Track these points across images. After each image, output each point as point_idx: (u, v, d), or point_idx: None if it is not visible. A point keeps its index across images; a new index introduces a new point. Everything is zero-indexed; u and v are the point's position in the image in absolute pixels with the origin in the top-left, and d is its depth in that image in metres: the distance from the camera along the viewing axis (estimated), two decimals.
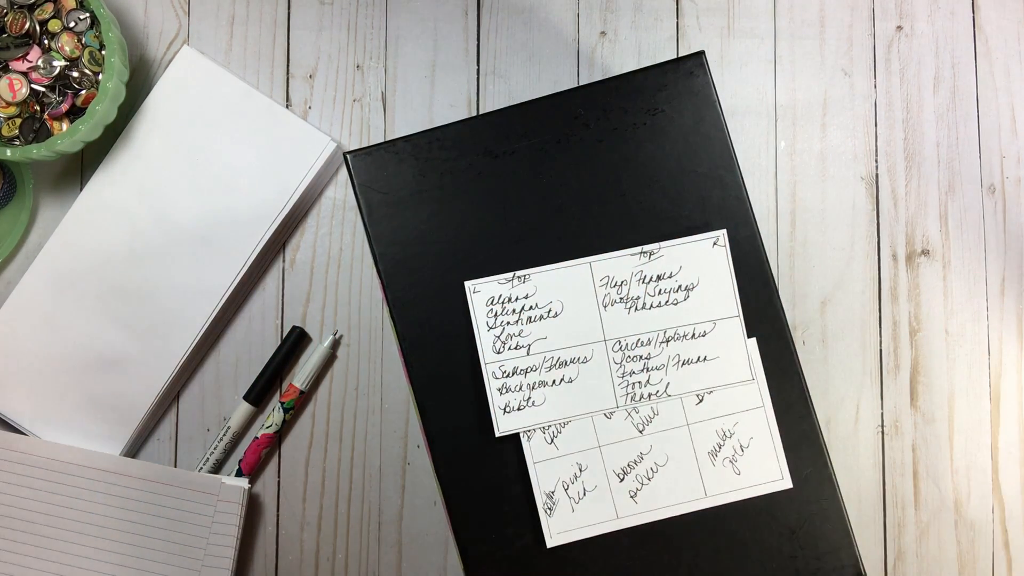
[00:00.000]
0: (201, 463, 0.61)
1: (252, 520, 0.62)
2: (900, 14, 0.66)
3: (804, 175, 0.65)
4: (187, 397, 0.63)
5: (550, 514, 0.51)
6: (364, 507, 0.62)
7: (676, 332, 0.52)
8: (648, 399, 0.52)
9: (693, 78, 0.53)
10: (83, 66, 0.57)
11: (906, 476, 0.63)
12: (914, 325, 0.64)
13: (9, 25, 0.57)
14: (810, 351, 0.64)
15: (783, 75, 0.65)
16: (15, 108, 0.57)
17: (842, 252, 0.64)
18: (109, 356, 0.60)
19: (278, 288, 0.63)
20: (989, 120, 0.65)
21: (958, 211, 0.65)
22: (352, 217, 0.64)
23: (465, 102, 0.64)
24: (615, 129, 0.53)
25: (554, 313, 0.52)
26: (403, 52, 0.64)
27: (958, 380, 0.64)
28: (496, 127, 0.53)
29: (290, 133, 0.61)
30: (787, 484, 0.52)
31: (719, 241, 0.52)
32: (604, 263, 0.52)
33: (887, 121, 0.65)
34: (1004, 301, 0.64)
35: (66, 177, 0.63)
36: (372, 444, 0.63)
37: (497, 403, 0.51)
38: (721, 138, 0.53)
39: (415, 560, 0.62)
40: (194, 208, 0.61)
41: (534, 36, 0.65)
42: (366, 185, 0.52)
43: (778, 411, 0.52)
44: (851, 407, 0.64)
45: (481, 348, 0.51)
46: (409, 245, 0.52)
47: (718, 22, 0.65)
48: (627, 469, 0.52)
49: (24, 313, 0.60)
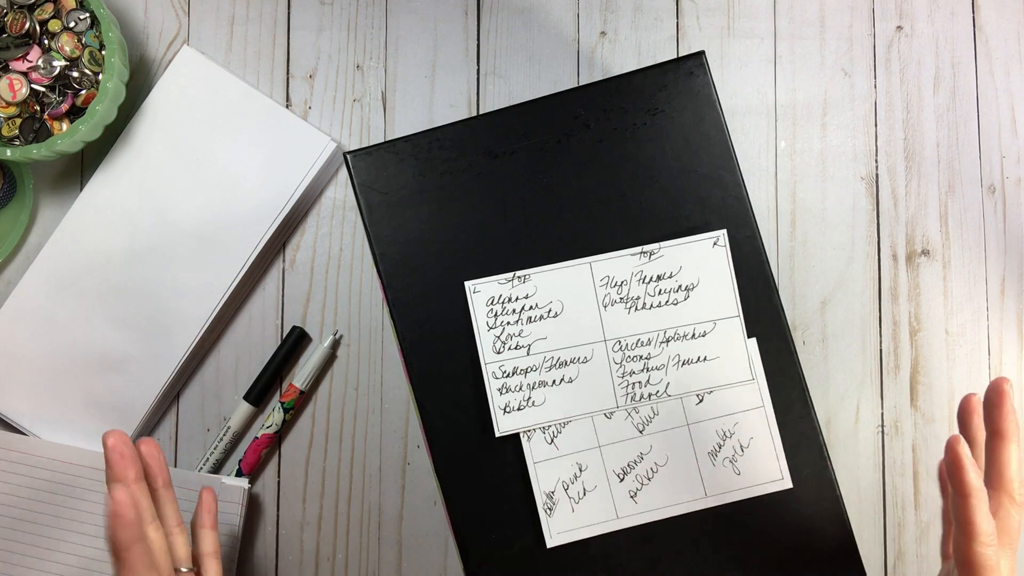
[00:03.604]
0: (201, 463, 0.61)
1: (252, 520, 0.62)
2: (900, 14, 0.66)
3: (804, 175, 0.65)
4: (187, 397, 0.63)
5: (550, 514, 0.51)
6: (364, 507, 0.62)
7: (676, 332, 0.52)
8: (648, 399, 0.52)
9: (693, 78, 0.53)
10: (83, 66, 0.57)
11: (906, 476, 0.63)
12: (914, 325, 0.64)
13: (9, 25, 0.57)
14: (810, 351, 0.64)
15: (783, 75, 0.65)
16: (15, 108, 0.57)
17: (842, 252, 0.64)
18: (109, 356, 0.60)
19: (278, 288, 0.63)
20: (989, 120, 0.65)
21: (958, 211, 0.65)
22: (352, 217, 0.64)
23: (465, 102, 0.64)
24: (615, 129, 0.53)
25: (554, 313, 0.52)
26: (403, 52, 0.64)
27: (958, 380, 0.64)
28: (496, 127, 0.53)
29: (290, 133, 0.61)
30: (787, 484, 0.52)
31: (719, 241, 0.52)
32: (604, 263, 0.52)
33: (887, 121, 0.65)
34: (1004, 301, 0.64)
35: (66, 177, 0.63)
36: (372, 444, 0.62)
37: (497, 403, 0.51)
38: (721, 138, 0.53)
39: (415, 560, 0.62)
40: (194, 208, 0.61)
41: (534, 36, 0.65)
42: (366, 185, 0.52)
43: (778, 411, 0.52)
44: (851, 407, 0.64)
45: (481, 348, 0.51)
46: (409, 245, 0.52)
47: (718, 22, 0.65)
48: (627, 469, 0.52)
49: (24, 313, 0.60)
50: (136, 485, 0.47)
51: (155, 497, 0.49)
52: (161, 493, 0.49)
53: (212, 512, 0.52)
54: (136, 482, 0.47)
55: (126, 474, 0.46)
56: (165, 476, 0.49)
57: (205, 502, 0.52)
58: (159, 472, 0.49)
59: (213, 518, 0.52)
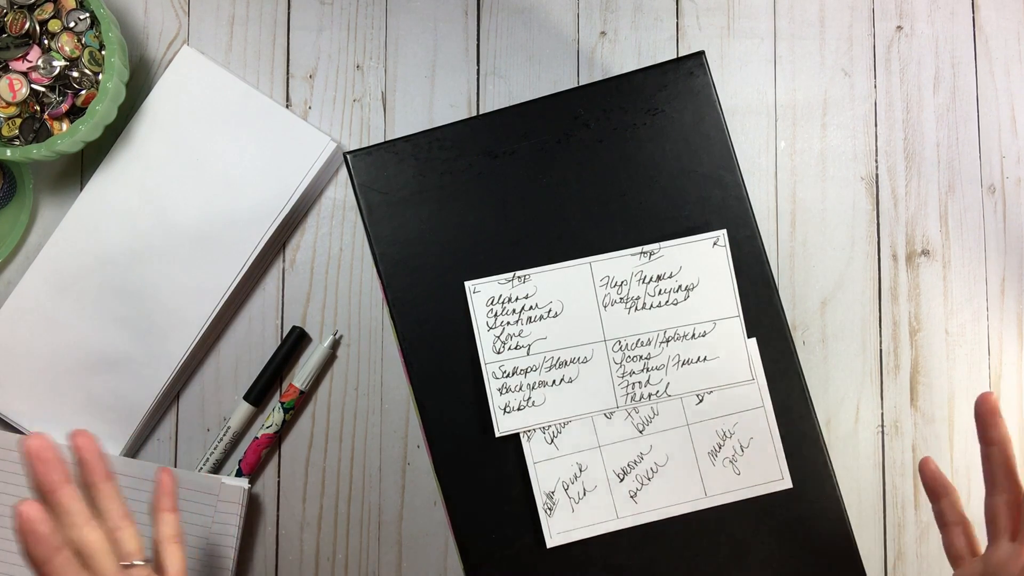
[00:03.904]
0: (201, 463, 0.61)
1: (252, 520, 0.62)
2: (900, 14, 0.66)
3: (804, 175, 0.65)
4: (187, 397, 0.63)
5: (550, 514, 0.51)
6: (364, 507, 0.62)
7: (676, 332, 0.52)
8: (648, 399, 0.52)
9: (693, 78, 0.53)
10: (83, 66, 0.57)
11: (906, 476, 0.63)
12: (914, 325, 0.64)
13: (9, 25, 0.57)
14: (810, 351, 0.64)
15: (783, 75, 0.65)
16: (15, 108, 0.57)
17: (842, 252, 0.64)
18: (109, 356, 0.60)
19: (278, 288, 0.63)
20: (989, 120, 0.65)
21: (958, 211, 0.65)
22: (352, 217, 0.64)
23: (465, 102, 0.64)
24: (615, 129, 0.53)
25: (554, 313, 0.52)
26: (403, 52, 0.64)
27: (958, 380, 0.64)
28: (496, 127, 0.53)
29: (290, 133, 0.61)
30: (787, 484, 0.52)
31: (719, 241, 0.52)
32: (604, 263, 0.52)
33: (887, 121, 0.65)
34: (1004, 301, 0.64)
35: (66, 177, 0.63)
36: (372, 444, 0.62)
37: (497, 403, 0.51)
38: (721, 138, 0.53)
39: (415, 560, 0.62)
40: (194, 208, 0.61)
41: (534, 36, 0.65)
42: (366, 185, 0.52)
43: (778, 411, 0.52)
44: (851, 407, 0.64)
45: (481, 348, 0.51)
46: (409, 245, 0.52)
47: (718, 22, 0.65)
48: (627, 469, 0.52)
49: (24, 313, 0.60)
50: (65, 488, 0.43)
51: (94, 493, 0.45)
52: (100, 487, 0.45)
53: (170, 493, 0.49)
54: (63, 485, 0.43)
55: (50, 479, 0.43)
56: (102, 468, 0.46)
57: (163, 483, 0.49)
58: (96, 465, 0.46)
59: (172, 499, 0.49)
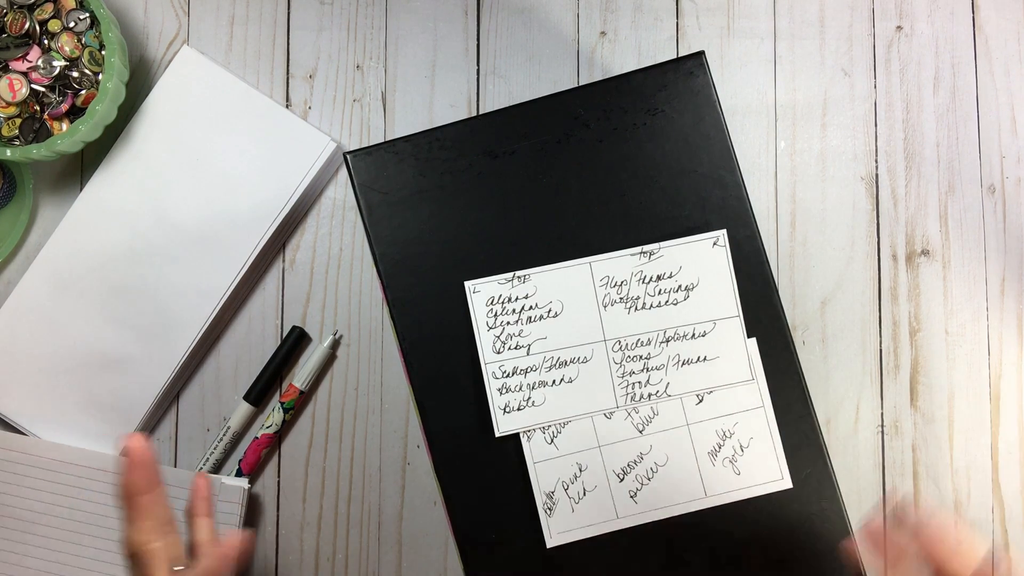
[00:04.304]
0: (201, 463, 0.61)
1: (252, 520, 0.62)
2: (900, 14, 0.66)
3: (804, 175, 0.65)
4: (187, 397, 0.63)
5: (550, 514, 0.51)
6: (364, 507, 0.62)
7: (676, 332, 0.52)
8: (648, 399, 0.52)
9: (693, 78, 0.53)
10: (83, 66, 0.57)
11: (906, 476, 0.63)
12: (914, 325, 0.64)
13: (9, 25, 0.57)
14: (810, 351, 0.64)
15: (783, 75, 0.65)
16: (15, 108, 0.57)
17: (842, 252, 0.64)
18: (109, 356, 0.60)
19: (278, 288, 0.63)
20: (989, 120, 0.65)
21: (958, 211, 0.65)
22: (352, 217, 0.64)
23: (465, 102, 0.64)
24: (615, 129, 0.53)
25: (554, 313, 0.52)
26: (403, 52, 0.64)
27: (958, 380, 0.64)
28: (496, 127, 0.53)
29: (290, 133, 0.61)
30: (787, 484, 0.52)
31: (719, 241, 0.52)
32: (604, 263, 0.52)
33: (887, 121, 0.65)
34: (1004, 301, 0.64)
35: (66, 177, 0.63)
36: (372, 444, 0.62)
37: (497, 403, 0.51)
38: (721, 138, 0.53)
39: (415, 560, 0.62)
40: (194, 208, 0.61)
41: (534, 36, 0.65)
42: (366, 185, 0.52)
43: (778, 411, 0.52)
44: (851, 407, 0.63)
45: (481, 348, 0.51)
46: (409, 245, 0.52)
47: (718, 22, 0.65)
48: (627, 469, 0.52)
49: (24, 313, 0.60)
50: (154, 491, 0.44)
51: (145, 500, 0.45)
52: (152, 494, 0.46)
53: (206, 499, 0.49)
54: (154, 487, 0.44)
55: (144, 482, 0.44)
56: (153, 475, 0.46)
57: (199, 488, 0.50)
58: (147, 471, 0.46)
59: (208, 505, 0.49)
